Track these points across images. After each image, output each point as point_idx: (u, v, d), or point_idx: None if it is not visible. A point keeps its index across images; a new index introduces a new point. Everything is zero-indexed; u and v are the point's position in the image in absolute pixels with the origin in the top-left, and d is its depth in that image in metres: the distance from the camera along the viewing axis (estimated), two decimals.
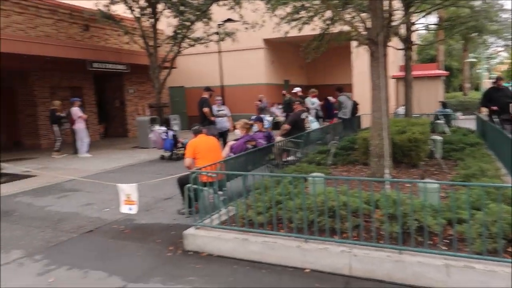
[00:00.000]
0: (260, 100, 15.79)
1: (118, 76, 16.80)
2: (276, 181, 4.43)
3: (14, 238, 5.04)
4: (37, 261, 4.26)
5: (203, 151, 5.41)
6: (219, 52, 16.00)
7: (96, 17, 13.04)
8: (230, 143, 6.39)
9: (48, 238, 4.98)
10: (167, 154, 10.77)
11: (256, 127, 7.02)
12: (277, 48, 19.29)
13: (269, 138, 6.77)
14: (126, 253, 4.42)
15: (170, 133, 10.77)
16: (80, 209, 6.28)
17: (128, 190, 4.87)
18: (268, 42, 18.54)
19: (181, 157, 10.64)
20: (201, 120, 9.73)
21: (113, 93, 17.66)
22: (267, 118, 10.85)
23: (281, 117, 13.68)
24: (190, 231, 4.41)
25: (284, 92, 15.42)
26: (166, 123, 12.06)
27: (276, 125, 13.14)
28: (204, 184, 4.55)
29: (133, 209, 4.89)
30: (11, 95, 14.61)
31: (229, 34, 14.04)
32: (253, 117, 8.28)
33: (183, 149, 10.84)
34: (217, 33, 14.23)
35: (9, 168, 9.30)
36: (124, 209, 4.94)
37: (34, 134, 14.45)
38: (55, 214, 6.03)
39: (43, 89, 14.33)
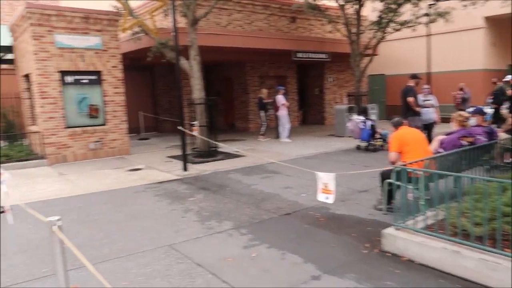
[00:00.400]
0: (461, 89, 13.56)
1: (319, 65, 17.24)
2: (502, 188, 3.62)
3: (226, 210, 5.71)
4: (243, 235, 4.69)
5: (411, 144, 4.91)
6: (428, 35, 14.50)
7: (302, 9, 13.59)
8: (440, 137, 5.62)
9: (253, 214, 5.45)
10: (363, 144, 10.46)
11: (473, 121, 5.99)
12: (501, 26, 16.20)
13: (491, 134, 5.67)
14: (321, 241, 4.41)
15: (368, 123, 10.39)
16: (280, 191, 6.67)
17: (326, 179, 4.84)
18: (491, 20, 15.74)
19: (378, 148, 10.18)
20: (404, 111, 9.00)
21: (313, 81, 18.28)
22: (487, 110, 9.18)
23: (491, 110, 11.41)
24: (390, 230, 4.07)
25: (494, 80, 12.85)
26: (364, 112, 11.71)
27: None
28: (409, 181, 4.10)
29: (329, 199, 4.85)
30: (230, 84, 16.85)
31: (441, 14, 12.50)
32: (471, 109, 7.12)
33: (381, 140, 10.33)
34: (427, 14, 12.88)
35: (225, 147, 10.73)
36: (321, 197, 4.94)
37: (244, 119, 16.32)
38: (259, 193, 6.58)
39: (253, 78, 15.96)
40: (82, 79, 10.14)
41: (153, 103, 16.57)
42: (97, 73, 10.30)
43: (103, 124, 10.54)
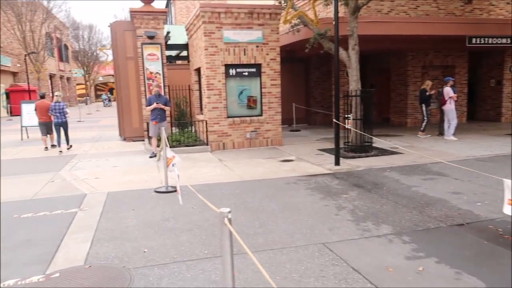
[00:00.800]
0: None
1: (498, 52, 14.74)
2: None
3: (383, 212, 5.21)
4: (405, 243, 4.16)
5: None
6: None
7: None
8: None
9: (415, 220, 4.83)
10: None
11: None
12: None
13: None
14: (507, 264, 3.59)
15: None
16: (447, 196, 5.81)
17: None
18: None
19: None
20: None
21: (488, 71, 15.74)
22: None
23: None
24: None
25: None
26: None
27: None
28: None
29: None
30: (386, 75, 15.77)
31: None
32: None
33: None
34: None
35: (379, 143, 10.03)
36: (508, 210, 4.04)
37: (401, 112, 15.08)
38: (421, 197, 5.85)
39: (415, 68, 14.57)
40: (243, 72, 10.73)
41: (305, 95, 16.67)
42: (257, 65, 10.75)
43: (260, 115, 10.98)
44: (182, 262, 3.84)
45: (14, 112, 28.33)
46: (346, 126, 9.44)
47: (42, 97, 12.42)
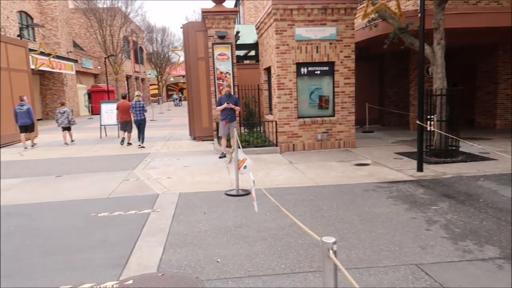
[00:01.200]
0: None
1: None
2: None
3: (484, 229, 4.51)
4: None
5: None
6: None
7: None
8: None
9: None
10: None
11: None
12: None
13: None
14: None
15: None
16: None
17: None
18: None
19: None
20: None
21: None
22: None
23: None
24: None
25: None
26: None
27: None
28: None
29: None
30: (470, 72, 14.36)
31: None
32: None
33: None
34: None
35: (465, 146, 9.05)
36: None
37: (489, 113, 13.64)
38: None
39: (506, 64, 13.07)
40: (315, 70, 10.27)
41: (379, 94, 15.75)
42: (330, 64, 10.23)
43: (332, 115, 10.45)
44: (258, 277, 3.54)
45: (95, 111, 30.38)
46: (429, 128, 8.62)
47: (124, 97, 13.07)
